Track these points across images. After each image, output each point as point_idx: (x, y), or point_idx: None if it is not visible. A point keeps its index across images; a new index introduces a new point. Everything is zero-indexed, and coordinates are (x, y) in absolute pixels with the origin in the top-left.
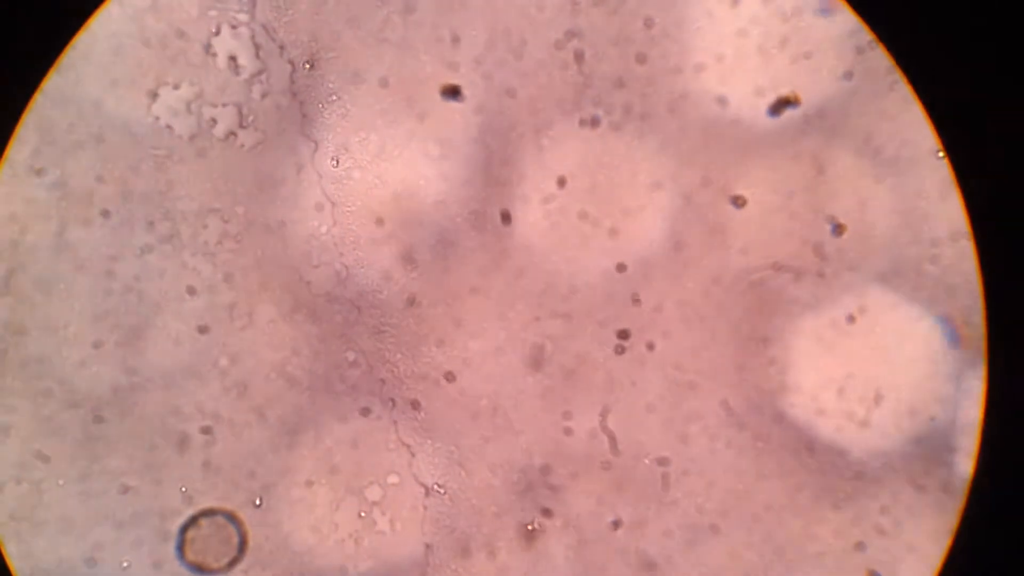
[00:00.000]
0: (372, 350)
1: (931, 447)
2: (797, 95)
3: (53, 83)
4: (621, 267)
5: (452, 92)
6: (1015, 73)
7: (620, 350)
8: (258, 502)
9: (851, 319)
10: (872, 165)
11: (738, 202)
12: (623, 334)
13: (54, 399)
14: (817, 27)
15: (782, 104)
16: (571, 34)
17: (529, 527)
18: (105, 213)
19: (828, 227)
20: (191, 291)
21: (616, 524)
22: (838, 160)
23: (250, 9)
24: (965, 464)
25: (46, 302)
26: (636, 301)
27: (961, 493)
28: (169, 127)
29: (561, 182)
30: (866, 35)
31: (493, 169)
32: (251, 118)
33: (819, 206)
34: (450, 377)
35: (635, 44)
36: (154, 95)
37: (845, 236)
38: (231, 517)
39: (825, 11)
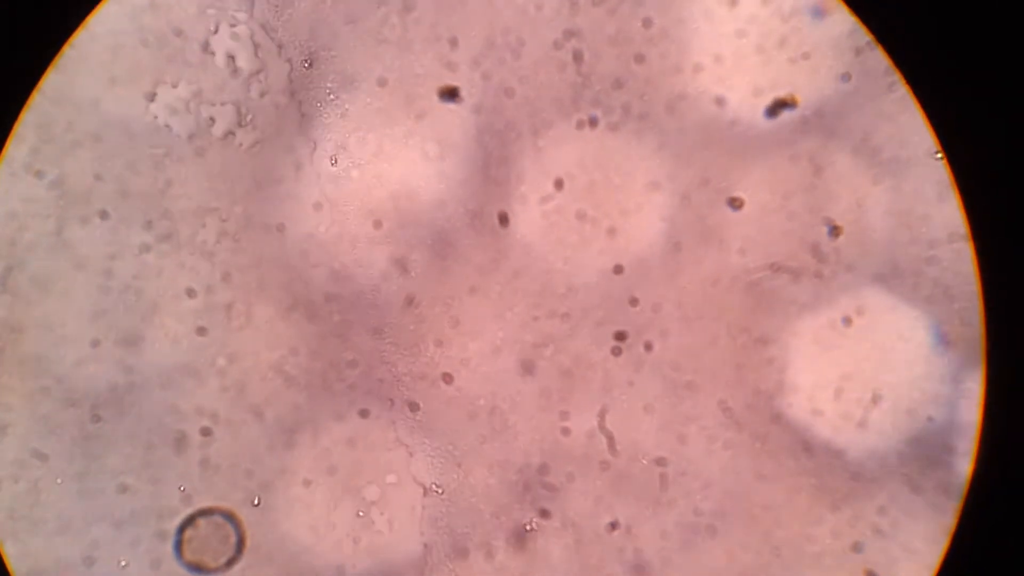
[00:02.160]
0: (370, 350)
1: (928, 448)
2: (795, 97)
3: (51, 82)
4: (619, 268)
5: (450, 94)
6: (1013, 74)
7: (617, 352)
8: (256, 501)
9: (847, 321)
10: (870, 166)
11: (735, 204)
12: (620, 336)
13: (52, 397)
14: (815, 28)
15: (779, 106)
16: (569, 34)
17: (527, 527)
18: (103, 212)
19: (824, 229)
20: (190, 293)
21: (613, 525)
22: (836, 161)
23: (248, 8)
24: (963, 465)
25: (44, 300)
26: (634, 301)
27: (959, 494)
28: (167, 126)
29: (559, 182)
30: (864, 36)
31: (491, 169)
32: (249, 117)
33: (817, 207)
34: (448, 379)
35: (634, 44)
36: (152, 94)
37: (842, 238)
38: (229, 516)
39: (818, 14)
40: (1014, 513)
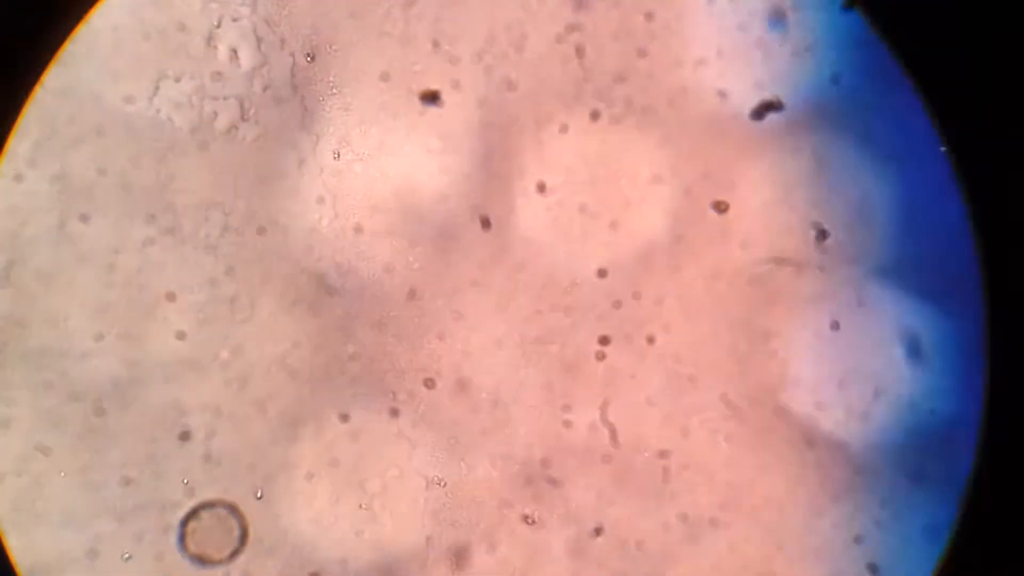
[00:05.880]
0: (373, 343)
1: (930, 441)
2: (780, 99)
3: (54, 76)
4: (615, 268)
5: (431, 97)
6: (1015, 67)
7: (601, 356)
8: (259, 494)
9: (836, 326)
10: (872, 159)
11: (720, 207)
12: (604, 340)
13: (55, 391)
14: (817, 21)
15: (765, 108)
16: (572, 28)
17: (529, 520)
18: (104, 209)
19: (812, 233)
20: (172, 299)
21: (597, 531)
22: (838, 154)
23: (251, 2)
24: (964, 457)
25: (47, 294)
26: (636, 295)
27: (960, 487)
28: (170, 120)
29: (561, 175)
30: (867, 28)
31: (494, 163)
32: (252, 111)
33: (819, 200)
34: (449, 374)
35: (636, 38)
36: (155, 88)
37: (842, 234)
38: (232, 509)
39: (777, 23)
40: (1016, 505)
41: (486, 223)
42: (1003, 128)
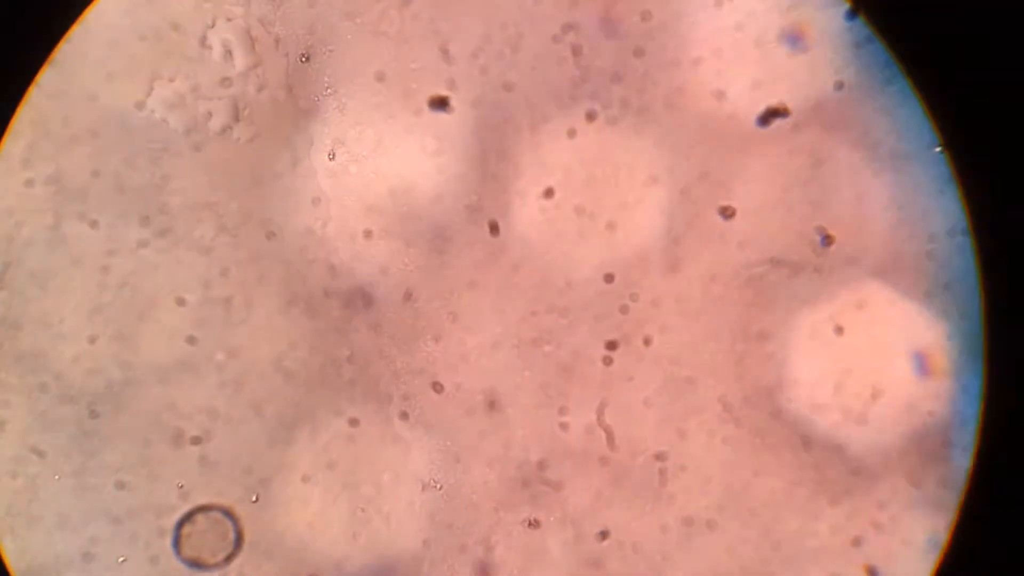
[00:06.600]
0: (369, 345)
1: (928, 443)
2: (786, 106)
3: (48, 77)
4: (614, 265)
5: (440, 103)
6: (1013, 67)
7: (608, 361)
8: (255, 498)
9: (839, 330)
10: (870, 159)
11: (726, 212)
12: (611, 345)
13: (49, 394)
14: (815, 21)
15: (771, 115)
16: (568, 28)
17: (526, 522)
18: (99, 210)
19: (817, 238)
20: (180, 301)
21: (603, 534)
22: (836, 154)
23: (245, 2)
24: (962, 460)
25: (41, 297)
26: (633, 297)
27: (958, 489)
28: (164, 121)
29: (557, 177)
30: (864, 29)
31: (489, 163)
32: (247, 112)
33: (817, 201)
34: (445, 376)
35: (632, 38)
36: (149, 89)
37: (839, 236)
38: (227, 513)
39: (794, 42)
40: (1014, 508)
41: (494, 228)
42: (1003, 128)
